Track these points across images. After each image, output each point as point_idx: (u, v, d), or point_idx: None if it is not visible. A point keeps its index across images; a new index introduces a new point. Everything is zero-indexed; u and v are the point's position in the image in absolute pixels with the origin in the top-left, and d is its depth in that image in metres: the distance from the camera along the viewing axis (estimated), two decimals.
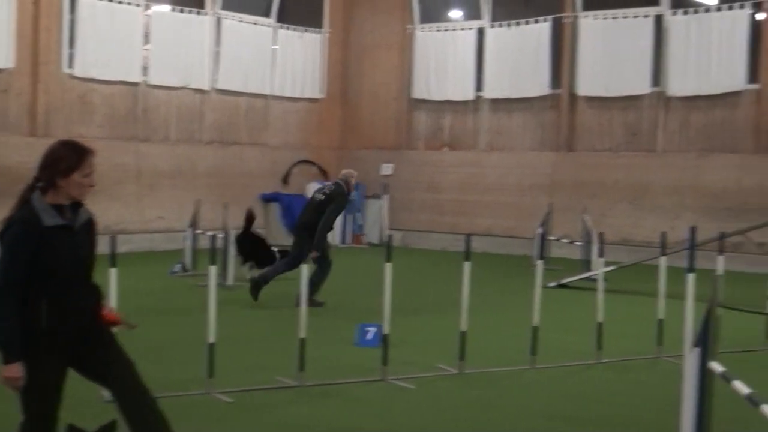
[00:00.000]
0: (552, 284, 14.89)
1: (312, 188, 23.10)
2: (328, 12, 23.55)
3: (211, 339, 8.03)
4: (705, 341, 6.26)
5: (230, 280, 14.33)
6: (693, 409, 6.29)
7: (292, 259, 13.29)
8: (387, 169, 22.93)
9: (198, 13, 20.87)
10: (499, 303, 13.70)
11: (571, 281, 15.34)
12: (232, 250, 14.61)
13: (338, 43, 23.76)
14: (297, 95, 22.97)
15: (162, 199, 20.15)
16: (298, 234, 13.48)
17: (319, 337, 9.65)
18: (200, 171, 21.04)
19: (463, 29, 22.46)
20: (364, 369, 9.03)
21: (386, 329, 8.83)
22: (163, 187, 20.29)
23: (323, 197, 13.37)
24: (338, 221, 22.73)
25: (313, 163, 23.24)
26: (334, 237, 22.62)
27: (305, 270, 8.64)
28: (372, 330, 10.13)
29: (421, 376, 8.98)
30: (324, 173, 23.38)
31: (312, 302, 11.94)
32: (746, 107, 18.93)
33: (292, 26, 22.72)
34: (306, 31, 23.08)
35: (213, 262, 8.33)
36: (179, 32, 20.55)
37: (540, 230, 16.76)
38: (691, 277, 8.49)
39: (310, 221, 13.22)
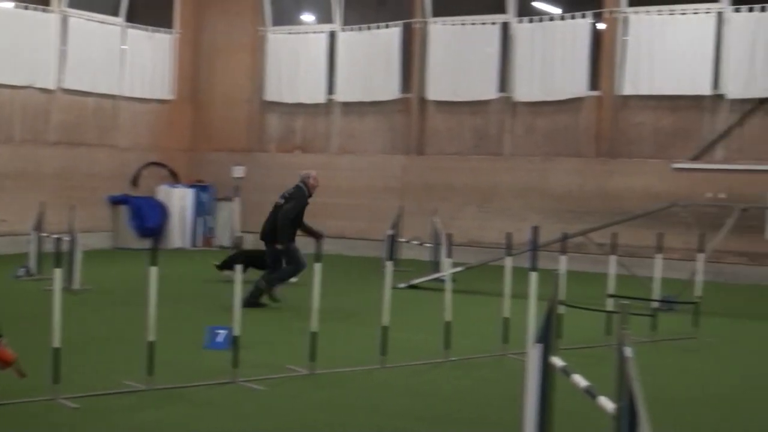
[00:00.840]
0: (402, 285, 15.09)
1: (162, 191, 22.90)
2: (178, 12, 23.24)
3: (56, 343, 7.85)
4: (546, 337, 6.48)
5: (77, 284, 14.00)
6: (535, 402, 6.49)
7: (271, 270, 13.53)
8: (238, 171, 22.80)
9: (43, 10, 20.27)
10: (350, 304, 13.80)
11: (420, 282, 15.58)
12: (79, 254, 14.30)
13: (189, 43, 23.48)
14: (147, 96, 22.58)
15: (5, 202, 19.46)
16: (266, 241, 13.64)
17: (169, 340, 9.54)
18: (46, 172, 20.43)
19: (314, 32, 22.52)
20: (214, 371, 8.95)
21: (236, 331, 8.81)
22: (6, 189, 19.61)
23: (284, 201, 13.58)
24: (188, 223, 22.65)
25: (163, 165, 22.91)
26: (185, 240, 22.48)
27: (154, 271, 8.53)
28: (222, 332, 10.07)
29: (271, 377, 8.97)
30: (174, 175, 23.09)
31: (266, 297, 13.11)
32: (588, 113, 19.60)
33: (142, 26, 22.34)
34: (156, 31, 22.74)
35: (58, 266, 8.16)
36: (23, 30, 19.89)
37: (390, 232, 16.95)
38: (533, 276, 8.76)
39: (273, 226, 13.46)
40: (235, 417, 7.81)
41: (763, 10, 17.93)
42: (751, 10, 18.06)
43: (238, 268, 8.93)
